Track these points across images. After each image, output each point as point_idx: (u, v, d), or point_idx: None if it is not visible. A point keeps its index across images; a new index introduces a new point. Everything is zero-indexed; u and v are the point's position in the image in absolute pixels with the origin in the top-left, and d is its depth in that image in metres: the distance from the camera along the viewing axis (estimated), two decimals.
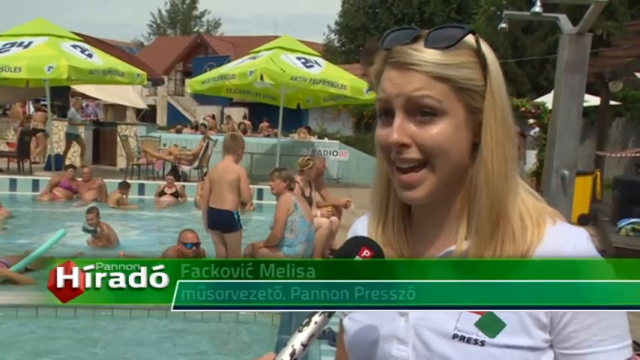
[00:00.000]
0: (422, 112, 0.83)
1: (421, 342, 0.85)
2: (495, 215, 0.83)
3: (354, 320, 0.92)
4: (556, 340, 0.83)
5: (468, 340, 0.82)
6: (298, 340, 0.81)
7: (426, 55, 0.83)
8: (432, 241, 0.90)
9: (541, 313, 0.81)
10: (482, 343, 0.81)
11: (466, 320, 0.82)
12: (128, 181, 10.20)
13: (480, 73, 0.84)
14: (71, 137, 13.72)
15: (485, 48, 0.86)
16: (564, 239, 0.83)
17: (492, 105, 0.84)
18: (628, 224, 7.25)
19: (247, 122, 19.14)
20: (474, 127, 0.85)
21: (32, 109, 16.36)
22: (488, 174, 0.84)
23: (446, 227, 0.89)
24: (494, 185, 0.84)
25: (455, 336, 0.82)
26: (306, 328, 0.81)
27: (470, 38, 0.84)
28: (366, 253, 0.79)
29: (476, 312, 0.82)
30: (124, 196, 9.42)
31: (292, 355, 0.80)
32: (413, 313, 0.85)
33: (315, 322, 0.81)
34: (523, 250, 0.82)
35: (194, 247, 5.01)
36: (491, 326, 0.81)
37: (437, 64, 0.82)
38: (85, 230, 6.52)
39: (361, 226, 1.00)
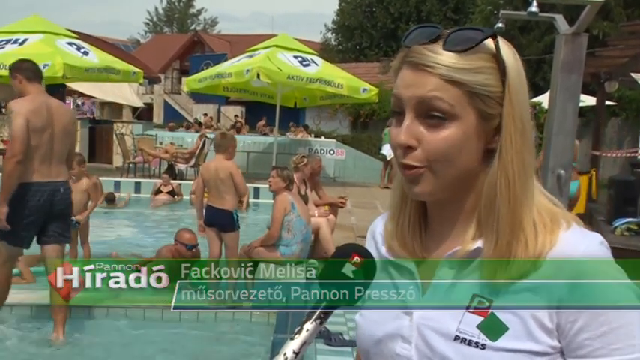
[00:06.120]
0: (432, 114, 0.82)
1: (424, 342, 0.84)
2: (511, 224, 0.82)
3: (364, 316, 0.93)
4: (568, 349, 0.80)
5: (469, 343, 0.81)
6: (290, 348, 0.81)
7: (442, 57, 0.81)
8: (442, 241, 0.90)
9: (545, 317, 0.79)
10: (483, 347, 0.80)
11: (469, 321, 0.82)
12: (123, 179, 10.17)
13: (497, 79, 0.83)
14: None
15: (508, 52, 0.84)
16: (576, 243, 0.81)
17: (511, 112, 0.83)
18: (623, 224, 7.27)
19: (241, 120, 19.14)
20: (488, 134, 0.84)
21: None
22: (507, 183, 0.82)
23: (456, 227, 0.89)
24: (512, 194, 0.82)
25: (457, 337, 0.82)
26: (297, 335, 0.82)
27: (490, 42, 0.83)
28: (356, 259, 0.81)
29: (479, 313, 0.81)
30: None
31: None
32: (417, 312, 0.85)
33: (307, 330, 0.82)
34: (534, 256, 0.81)
35: (194, 249, 5.00)
36: (494, 329, 0.80)
37: (452, 68, 0.81)
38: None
39: (378, 227, 0.99)
